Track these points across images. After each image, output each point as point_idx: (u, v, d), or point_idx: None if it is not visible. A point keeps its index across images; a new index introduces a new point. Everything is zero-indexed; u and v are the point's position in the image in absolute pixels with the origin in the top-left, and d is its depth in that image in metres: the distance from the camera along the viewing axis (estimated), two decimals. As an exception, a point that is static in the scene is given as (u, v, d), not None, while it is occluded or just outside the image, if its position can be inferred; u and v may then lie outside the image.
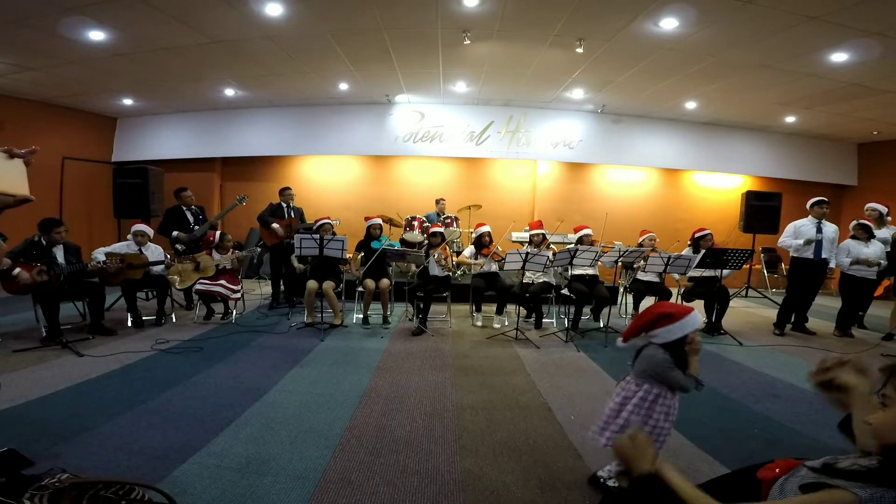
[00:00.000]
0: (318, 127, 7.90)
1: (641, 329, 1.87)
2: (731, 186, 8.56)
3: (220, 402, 2.83)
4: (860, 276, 4.80)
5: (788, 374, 3.63)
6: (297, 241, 4.45)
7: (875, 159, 8.25)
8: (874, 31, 4.10)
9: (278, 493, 1.91)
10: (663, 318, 1.81)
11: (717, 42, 4.62)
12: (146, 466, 2.06)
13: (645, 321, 1.85)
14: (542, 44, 4.96)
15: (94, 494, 1.42)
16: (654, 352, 1.85)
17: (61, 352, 3.66)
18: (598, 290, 4.85)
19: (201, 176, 8.10)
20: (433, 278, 5.00)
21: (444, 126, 7.80)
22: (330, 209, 6.99)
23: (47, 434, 2.31)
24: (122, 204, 6.18)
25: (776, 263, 8.27)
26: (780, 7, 3.81)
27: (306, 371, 3.48)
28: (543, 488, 2.01)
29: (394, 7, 4.22)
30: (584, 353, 4.11)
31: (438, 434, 2.50)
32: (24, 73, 5.78)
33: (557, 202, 8.27)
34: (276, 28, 4.64)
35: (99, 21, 4.40)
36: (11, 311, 4.77)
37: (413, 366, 3.67)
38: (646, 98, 6.77)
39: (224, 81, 6.51)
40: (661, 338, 1.82)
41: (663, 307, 1.86)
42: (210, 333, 4.45)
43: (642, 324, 1.86)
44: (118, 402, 2.78)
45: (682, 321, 1.79)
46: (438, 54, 5.40)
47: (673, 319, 1.79)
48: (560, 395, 3.12)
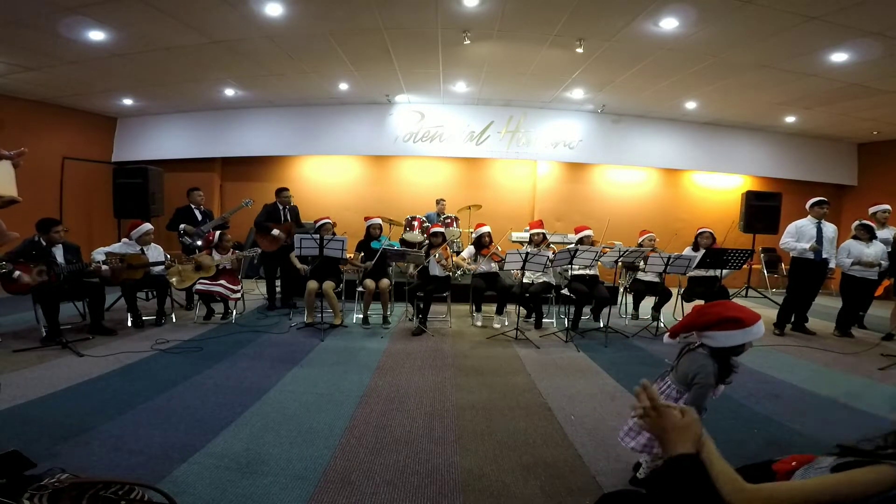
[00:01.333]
0: (318, 127, 7.90)
1: (697, 327, 1.68)
2: (731, 186, 8.56)
3: (220, 402, 2.83)
4: (861, 276, 4.80)
5: (788, 374, 3.63)
6: (297, 241, 4.45)
7: (875, 159, 8.25)
8: (874, 31, 4.10)
9: (278, 493, 1.91)
10: (728, 322, 1.61)
11: (717, 42, 4.62)
12: (146, 466, 2.06)
13: (705, 320, 1.65)
14: (542, 44, 4.96)
15: (93, 494, 1.42)
16: (705, 361, 1.67)
17: (61, 352, 3.65)
18: (598, 290, 4.85)
19: (201, 176, 8.08)
20: (433, 278, 5.00)
21: (444, 126, 7.80)
22: (330, 209, 6.99)
23: (47, 434, 2.31)
24: (122, 204, 6.18)
25: (776, 263, 8.27)
26: (780, 7, 3.80)
27: (306, 371, 3.48)
28: (543, 488, 2.01)
29: (394, 7, 4.21)
30: (584, 353, 4.11)
31: (438, 434, 2.50)
32: (24, 73, 5.78)
33: (557, 202, 8.27)
34: (276, 28, 4.63)
35: (99, 21, 4.40)
36: (11, 311, 4.77)
37: (413, 366, 3.67)
38: (646, 98, 6.77)
39: (224, 81, 6.50)
40: (716, 341, 1.64)
41: (730, 309, 1.66)
42: (210, 333, 4.45)
43: (701, 322, 1.67)
44: (118, 402, 2.78)
45: (748, 329, 1.61)
46: (438, 54, 5.40)
47: (739, 325, 1.60)
48: (560, 395, 3.12)
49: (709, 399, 1.67)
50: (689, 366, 1.70)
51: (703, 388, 1.64)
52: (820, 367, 3.91)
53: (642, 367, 3.80)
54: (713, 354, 1.68)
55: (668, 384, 1.80)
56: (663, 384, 1.81)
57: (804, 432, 2.60)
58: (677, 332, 1.76)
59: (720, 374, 1.66)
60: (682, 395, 1.72)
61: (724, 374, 1.67)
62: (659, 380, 1.86)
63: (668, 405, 1.00)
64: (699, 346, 1.72)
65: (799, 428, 2.67)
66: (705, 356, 1.67)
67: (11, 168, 1.35)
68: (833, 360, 4.09)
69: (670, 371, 1.84)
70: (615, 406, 2.96)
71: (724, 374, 1.67)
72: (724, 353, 1.65)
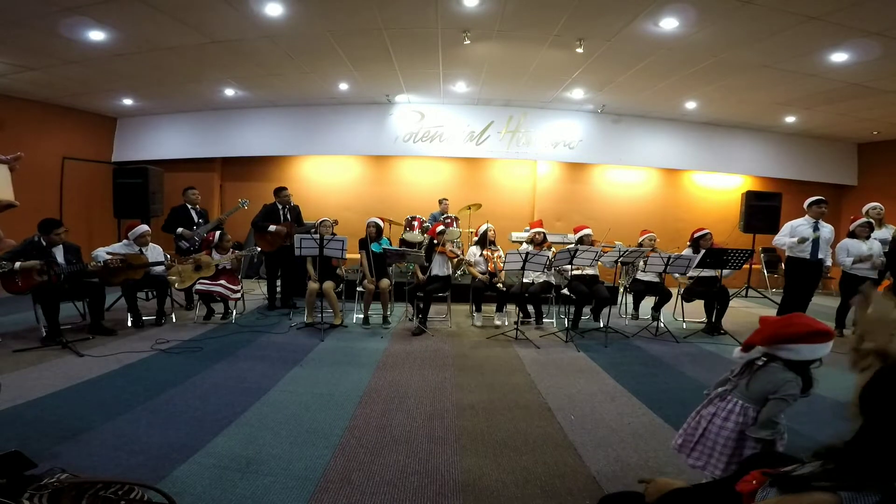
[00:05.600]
0: (318, 127, 7.90)
1: (782, 339, 1.58)
2: (731, 186, 8.56)
3: (220, 402, 2.83)
4: (861, 275, 4.79)
5: (788, 374, 3.63)
6: (297, 241, 4.45)
7: (875, 159, 8.25)
8: (874, 31, 4.09)
9: (278, 493, 1.91)
10: (819, 336, 1.54)
11: (717, 42, 4.62)
12: (146, 466, 2.06)
13: (792, 332, 1.57)
14: (542, 44, 4.96)
15: (93, 494, 1.42)
16: (788, 375, 1.58)
17: (61, 352, 3.65)
18: (598, 290, 4.85)
19: (201, 176, 8.08)
20: (433, 278, 5.00)
21: (444, 126, 7.80)
22: (330, 209, 6.99)
23: (47, 434, 2.31)
24: (122, 204, 6.18)
25: (776, 263, 8.26)
26: (780, 7, 3.80)
27: (306, 371, 3.48)
28: (543, 488, 2.01)
29: (394, 7, 4.21)
30: (584, 353, 4.11)
31: (438, 434, 2.50)
32: (24, 73, 5.78)
33: (557, 202, 8.27)
34: (276, 28, 4.63)
35: (99, 21, 4.40)
36: (11, 311, 4.77)
37: (413, 366, 3.67)
38: (646, 98, 6.77)
39: (224, 81, 6.50)
40: (800, 355, 1.57)
41: (817, 322, 1.58)
42: (210, 333, 4.45)
43: (788, 333, 1.57)
44: (118, 402, 2.78)
45: (829, 343, 1.56)
46: (438, 54, 5.40)
47: (827, 338, 1.55)
48: (560, 395, 3.12)
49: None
50: (769, 380, 1.61)
51: (786, 400, 1.56)
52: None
53: (642, 368, 3.80)
54: (792, 367, 1.60)
55: (734, 402, 1.69)
56: (726, 403, 1.70)
57: (804, 432, 2.60)
58: (756, 344, 1.63)
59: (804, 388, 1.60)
60: (746, 415, 1.63)
61: (806, 387, 1.60)
62: (719, 400, 1.74)
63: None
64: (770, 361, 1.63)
65: (798, 428, 2.66)
66: (784, 370, 1.59)
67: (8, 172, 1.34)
68: (833, 360, 4.07)
69: (732, 390, 1.72)
70: (615, 406, 2.96)
71: (807, 387, 1.61)
72: (803, 366, 1.59)
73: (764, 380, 1.62)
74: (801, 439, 2.53)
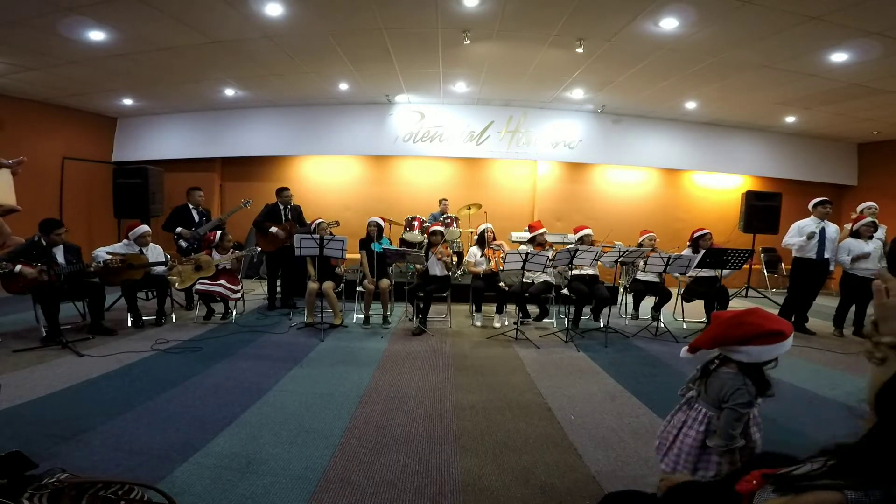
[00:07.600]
0: (318, 127, 7.89)
1: (730, 341, 1.47)
2: (731, 186, 8.55)
3: (220, 402, 2.83)
4: (861, 275, 4.80)
5: (788, 374, 3.62)
6: (297, 241, 4.45)
7: (875, 159, 8.25)
8: (874, 31, 4.09)
9: (278, 493, 1.91)
10: (768, 336, 1.43)
11: (716, 42, 4.61)
12: (146, 466, 2.06)
13: (740, 333, 1.45)
14: (542, 44, 4.96)
15: (93, 494, 1.42)
16: (738, 381, 1.48)
17: (61, 352, 3.65)
18: (598, 290, 4.85)
19: (201, 176, 8.07)
20: (433, 278, 5.00)
21: (444, 126, 7.80)
22: (330, 209, 7.00)
23: (47, 434, 2.31)
24: (122, 204, 6.18)
25: (776, 263, 8.26)
26: (780, 7, 3.80)
27: (306, 371, 3.48)
28: (543, 488, 2.01)
29: (394, 7, 4.21)
30: (584, 353, 4.11)
31: (438, 434, 2.50)
32: (24, 73, 5.77)
33: (557, 202, 8.27)
34: (276, 28, 4.63)
35: (99, 21, 4.40)
36: (11, 311, 4.77)
37: (413, 366, 3.67)
38: (646, 98, 6.76)
39: (224, 81, 6.50)
40: (750, 357, 1.46)
41: (768, 320, 1.47)
42: (210, 333, 4.45)
43: (735, 335, 1.45)
44: (118, 402, 2.78)
45: (785, 343, 1.45)
46: (438, 54, 5.39)
47: (779, 339, 1.43)
48: (560, 395, 3.12)
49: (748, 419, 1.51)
50: (720, 387, 1.51)
51: (739, 411, 1.45)
52: (820, 367, 3.91)
53: (642, 368, 3.80)
54: (744, 370, 1.49)
55: (699, 410, 1.59)
56: (694, 411, 1.61)
57: (804, 432, 2.60)
58: (700, 347, 1.52)
59: (758, 391, 1.50)
60: (708, 420, 1.57)
61: (762, 389, 1.50)
62: (687, 407, 1.65)
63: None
64: (724, 363, 1.54)
65: (798, 428, 2.67)
66: (735, 375, 1.49)
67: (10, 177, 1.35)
68: (833, 360, 4.09)
69: (696, 397, 1.63)
70: (615, 406, 2.97)
71: (763, 388, 1.50)
72: (756, 368, 1.49)
73: (716, 386, 1.53)
74: (802, 439, 2.53)
